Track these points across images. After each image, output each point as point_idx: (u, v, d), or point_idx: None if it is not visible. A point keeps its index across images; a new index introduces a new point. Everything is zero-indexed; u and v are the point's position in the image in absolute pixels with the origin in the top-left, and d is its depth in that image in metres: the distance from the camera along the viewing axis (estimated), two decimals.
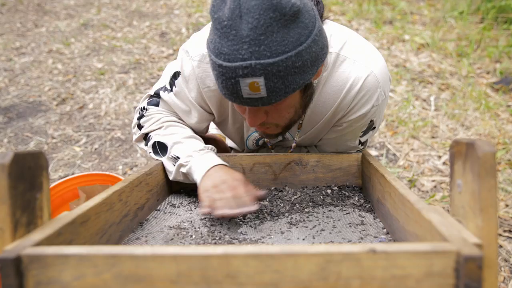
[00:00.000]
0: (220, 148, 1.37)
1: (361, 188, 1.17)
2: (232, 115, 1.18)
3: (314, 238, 0.87)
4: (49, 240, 0.67)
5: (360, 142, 1.17)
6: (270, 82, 0.80)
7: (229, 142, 1.42)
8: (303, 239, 0.87)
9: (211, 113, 1.18)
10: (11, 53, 4.18)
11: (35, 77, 3.63)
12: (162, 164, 1.15)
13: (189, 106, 1.15)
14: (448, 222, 0.60)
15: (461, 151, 0.60)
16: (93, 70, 3.66)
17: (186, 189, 1.22)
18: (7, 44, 4.40)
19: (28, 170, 0.71)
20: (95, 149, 2.62)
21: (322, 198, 1.10)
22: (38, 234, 0.67)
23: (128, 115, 2.97)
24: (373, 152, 2.49)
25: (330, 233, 0.89)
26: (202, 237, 0.90)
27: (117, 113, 3.00)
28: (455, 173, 0.62)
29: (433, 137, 2.67)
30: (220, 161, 1.04)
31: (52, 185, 1.68)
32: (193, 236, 0.90)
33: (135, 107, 3.08)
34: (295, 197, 1.11)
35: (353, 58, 1.02)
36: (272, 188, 1.19)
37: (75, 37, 4.45)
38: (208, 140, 1.30)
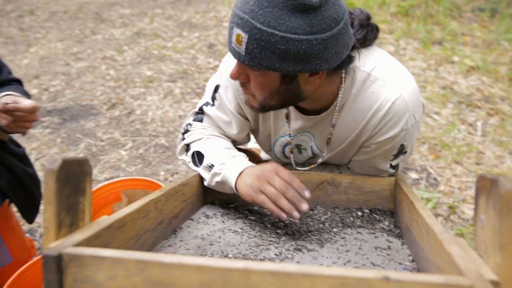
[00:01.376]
0: (255, 161, 1.40)
1: (392, 213, 1.17)
2: (263, 124, 1.23)
3: (338, 259, 0.89)
4: (88, 242, 0.73)
5: (391, 166, 1.17)
6: (251, 43, 0.87)
7: (263, 155, 1.46)
8: (328, 258, 0.89)
9: (249, 121, 1.23)
10: (69, 58, 4.42)
11: (89, 81, 3.82)
12: (199, 175, 1.20)
13: (230, 116, 1.21)
14: (468, 256, 0.61)
15: (485, 187, 0.60)
16: (142, 78, 3.82)
17: (221, 200, 1.26)
18: (66, 49, 4.65)
19: (74, 175, 0.77)
20: (140, 154, 2.73)
21: (352, 219, 1.11)
22: (79, 235, 0.73)
23: (173, 123, 3.07)
24: (413, 175, 2.45)
25: (356, 254, 0.91)
26: (231, 249, 0.93)
27: (162, 121, 3.11)
28: (479, 208, 0.62)
29: (477, 164, 2.60)
30: (252, 164, 1.08)
31: (98, 186, 1.77)
32: (222, 247, 0.94)
33: (180, 116, 3.18)
34: (325, 216, 1.13)
35: (384, 80, 1.04)
36: None
37: (128, 45, 4.65)
38: (243, 152, 1.34)
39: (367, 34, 1.04)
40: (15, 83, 1.57)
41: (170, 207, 1.02)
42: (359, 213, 1.14)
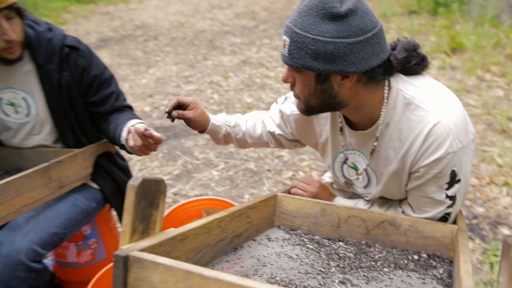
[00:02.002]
0: (325, 194, 1.47)
1: (451, 262, 1.15)
2: (320, 137, 1.39)
3: None
4: (152, 248, 0.86)
5: (447, 196, 1.18)
6: (291, 45, 1.08)
7: (327, 178, 1.55)
8: None
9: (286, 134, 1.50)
10: (180, 81, 4.86)
11: None
12: (266, 201, 1.30)
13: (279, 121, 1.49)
14: None
15: (506, 251, 0.62)
16: (242, 104, 4.06)
17: (286, 226, 1.34)
18: (179, 72, 5.11)
19: (150, 192, 0.92)
20: (229, 175, 2.91)
21: (406, 262, 1.12)
22: (146, 242, 0.87)
23: (264, 150, 3.23)
24: (504, 231, 2.29)
25: None
26: (280, 272, 1.01)
27: None
28: (500, 271, 0.64)
29: None
30: None
31: (184, 201, 1.96)
32: (273, 270, 1.02)
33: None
34: (380, 255, 1.15)
35: (426, 105, 1.13)
36: (363, 242, 1.24)
37: (233, 72, 4.97)
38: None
39: (410, 58, 1.15)
40: (128, 109, 1.82)
41: (234, 227, 1.13)
42: (415, 257, 1.15)
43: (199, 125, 1.48)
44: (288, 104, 1.44)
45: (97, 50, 6.26)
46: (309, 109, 1.20)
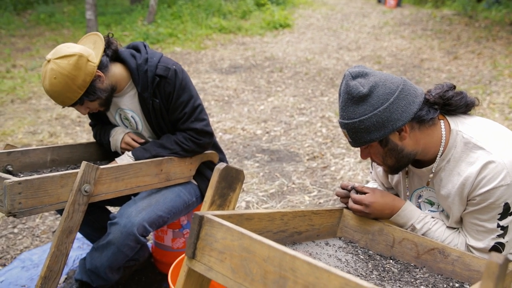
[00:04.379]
0: (382, 201, 1.53)
1: None
2: (396, 185, 1.61)
3: None
4: (222, 217, 1.10)
5: (499, 225, 1.30)
6: (349, 133, 1.35)
7: None
8: None
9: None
10: (294, 111, 5.17)
11: (303, 134, 4.42)
12: (331, 212, 1.48)
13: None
14: None
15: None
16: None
17: (346, 238, 1.50)
18: (295, 104, 5.44)
19: (231, 177, 1.17)
20: (319, 203, 3.08)
21: (445, 286, 1.21)
22: (218, 212, 1.12)
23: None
24: None
25: None
26: None
27: (350, 180, 3.41)
28: None
29: None
30: None
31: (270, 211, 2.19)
32: None
33: (368, 181, 3.43)
34: (422, 276, 1.26)
35: (482, 144, 1.30)
36: (411, 264, 1.35)
37: None
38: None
39: (446, 93, 1.36)
40: (186, 133, 2.01)
41: (295, 224, 1.34)
42: (457, 285, 1.23)
43: None
44: (375, 169, 1.73)
45: (227, 75, 6.92)
46: (391, 169, 1.45)
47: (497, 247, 1.32)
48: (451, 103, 1.37)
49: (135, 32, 9.63)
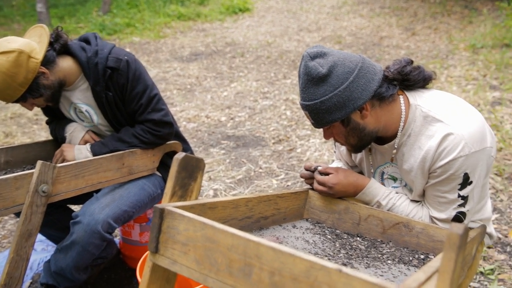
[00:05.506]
0: (347, 180, 1.54)
1: None
2: (359, 162, 1.61)
3: None
4: (184, 208, 1.07)
5: (459, 196, 1.32)
6: (311, 114, 1.34)
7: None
8: None
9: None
10: (258, 96, 5.15)
11: (267, 118, 4.41)
12: (296, 194, 1.47)
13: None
14: (418, 280, 0.76)
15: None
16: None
17: (313, 219, 1.50)
18: (258, 88, 5.41)
19: (191, 166, 1.14)
20: (287, 186, 3.09)
21: (411, 259, 1.23)
22: (179, 203, 1.08)
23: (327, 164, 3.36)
24: None
25: (385, 280, 1.05)
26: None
27: (316, 161, 3.43)
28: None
29: None
30: None
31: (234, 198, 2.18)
32: (286, 247, 1.19)
33: (333, 160, 3.46)
34: (389, 250, 1.27)
35: (441, 117, 1.31)
36: (378, 240, 1.37)
37: None
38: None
39: (404, 68, 1.36)
40: (144, 125, 1.94)
41: (260, 209, 1.32)
42: (422, 257, 1.25)
43: None
44: (338, 148, 1.75)
45: (188, 63, 6.81)
46: (354, 148, 1.45)
47: (459, 217, 1.35)
48: (410, 78, 1.37)
49: (91, 24, 9.33)
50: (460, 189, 1.32)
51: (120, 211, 1.88)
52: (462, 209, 1.35)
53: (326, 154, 3.53)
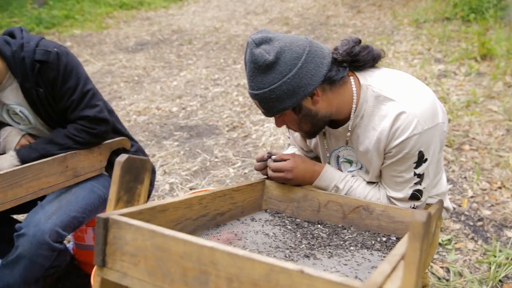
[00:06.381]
0: (302, 167, 1.49)
1: None
2: (314, 147, 1.57)
3: (331, 269, 1.01)
4: (131, 215, 0.99)
5: (415, 174, 1.31)
6: (261, 104, 1.27)
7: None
8: (324, 266, 1.02)
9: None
10: (209, 83, 5.04)
11: (220, 105, 4.32)
12: (253, 185, 1.41)
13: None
14: (387, 273, 0.72)
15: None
16: None
17: (272, 210, 1.45)
18: (208, 75, 5.30)
19: (135, 168, 1.05)
20: (245, 173, 3.03)
21: (373, 243, 1.21)
22: (126, 210, 1.00)
23: (281, 150, 3.33)
24: (508, 233, 2.29)
25: (349, 269, 1.02)
26: (252, 246, 1.12)
27: (272, 146, 3.39)
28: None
29: None
30: None
31: (192, 192, 2.10)
32: (246, 244, 1.13)
33: (289, 144, 3.43)
34: (351, 236, 1.24)
35: (393, 96, 1.28)
36: (339, 225, 1.34)
37: None
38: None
39: (353, 49, 1.31)
40: (77, 123, 1.78)
41: (216, 206, 1.25)
42: (384, 239, 1.23)
43: None
44: (292, 134, 1.68)
45: (134, 54, 6.57)
46: (308, 134, 1.42)
47: (416, 195, 1.34)
48: (359, 59, 1.33)
49: (26, 18, 8.81)
50: (416, 167, 1.30)
51: (69, 217, 1.76)
52: (419, 187, 1.34)
53: (282, 138, 3.50)
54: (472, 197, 2.56)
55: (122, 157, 1.02)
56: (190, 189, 2.87)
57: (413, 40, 5.78)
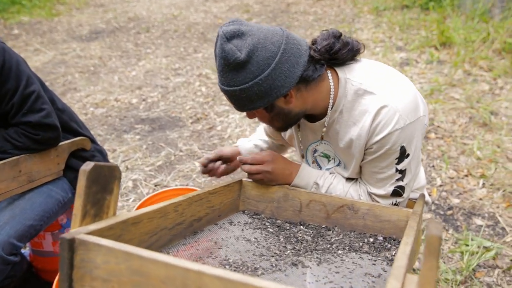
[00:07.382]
0: (280, 165, 1.42)
1: None
2: (289, 139, 1.53)
3: (323, 278, 0.94)
4: (100, 232, 0.88)
5: (397, 170, 1.26)
6: (231, 99, 1.19)
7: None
8: (315, 275, 0.95)
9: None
10: (169, 73, 4.86)
11: (182, 96, 4.17)
12: (229, 186, 1.32)
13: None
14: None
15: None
16: None
17: (250, 211, 1.36)
18: (169, 65, 5.11)
19: (103, 177, 0.93)
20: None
21: (361, 244, 1.15)
22: (94, 226, 0.88)
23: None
24: (477, 221, 2.30)
25: (342, 277, 0.95)
26: (235, 255, 1.03)
27: (239, 137, 3.29)
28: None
29: None
30: None
31: (160, 191, 1.98)
32: (228, 252, 1.04)
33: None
34: (337, 238, 1.18)
35: (373, 89, 1.22)
36: (323, 226, 1.27)
37: None
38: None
39: (332, 45, 1.22)
40: (19, 127, 1.60)
41: (192, 211, 1.15)
42: (371, 240, 1.17)
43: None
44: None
45: (89, 43, 6.26)
46: (279, 128, 1.35)
47: (398, 191, 1.29)
48: (338, 57, 1.24)
49: None
50: (398, 163, 1.25)
51: (24, 227, 1.61)
52: (401, 183, 1.29)
53: (248, 129, 3.41)
54: (440, 185, 2.58)
55: (88, 165, 0.90)
56: (155, 185, 2.74)
57: (374, 28, 5.80)
